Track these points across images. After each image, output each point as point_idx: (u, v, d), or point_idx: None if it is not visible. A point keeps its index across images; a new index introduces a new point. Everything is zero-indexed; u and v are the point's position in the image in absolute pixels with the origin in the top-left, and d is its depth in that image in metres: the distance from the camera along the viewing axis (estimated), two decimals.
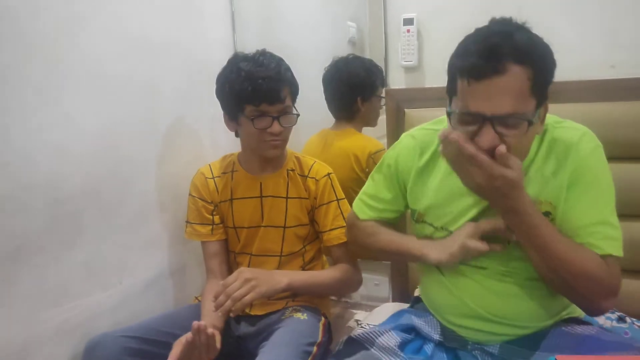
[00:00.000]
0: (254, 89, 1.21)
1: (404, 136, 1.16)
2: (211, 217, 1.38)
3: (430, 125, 1.12)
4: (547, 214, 0.96)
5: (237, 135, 1.35)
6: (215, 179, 1.39)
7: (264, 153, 1.30)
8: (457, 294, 1.05)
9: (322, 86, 1.77)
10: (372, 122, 1.79)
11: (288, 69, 1.28)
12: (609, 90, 1.27)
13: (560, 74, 0.98)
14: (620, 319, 1.12)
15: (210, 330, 1.10)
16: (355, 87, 1.69)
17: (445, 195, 1.05)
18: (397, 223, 1.21)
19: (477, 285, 1.03)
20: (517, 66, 0.83)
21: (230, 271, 1.42)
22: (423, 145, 1.09)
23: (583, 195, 0.94)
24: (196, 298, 1.43)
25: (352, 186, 1.58)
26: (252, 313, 1.34)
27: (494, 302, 1.02)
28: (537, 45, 0.86)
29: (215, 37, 1.70)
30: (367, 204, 1.19)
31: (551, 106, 1.10)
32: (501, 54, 0.82)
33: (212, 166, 1.41)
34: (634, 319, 1.13)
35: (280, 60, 1.28)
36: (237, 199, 1.38)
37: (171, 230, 1.50)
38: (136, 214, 1.38)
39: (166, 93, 1.47)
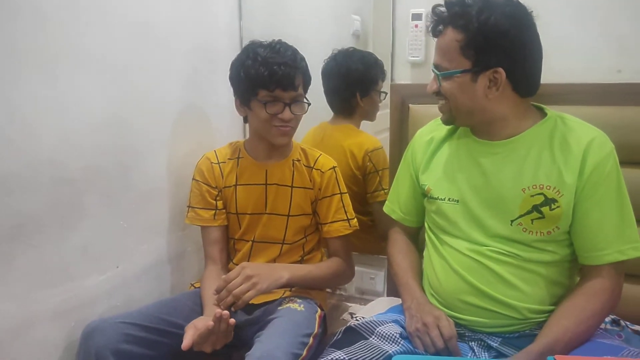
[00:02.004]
0: (269, 74, 1.23)
1: (417, 132, 1.28)
2: (214, 202, 1.38)
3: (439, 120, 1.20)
4: (552, 200, 1.01)
5: (245, 121, 1.37)
6: (220, 164, 1.39)
7: (272, 139, 1.32)
8: (458, 270, 1.08)
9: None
10: (371, 116, 1.79)
11: (303, 59, 1.32)
12: (615, 95, 1.27)
13: (568, 77, 0.99)
14: (615, 322, 1.13)
15: (232, 320, 1.12)
16: (354, 83, 1.68)
17: (450, 171, 1.14)
18: (418, 235, 1.33)
19: (477, 264, 1.06)
20: (450, 29, 1.02)
21: (229, 258, 1.43)
22: (433, 134, 1.21)
23: (609, 203, 1.00)
24: (192, 285, 1.43)
25: (347, 183, 1.58)
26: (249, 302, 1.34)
27: (493, 281, 1.05)
28: (479, 16, 0.98)
29: (221, 25, 1.68)
30: (390, 199, 1.32)
31: (558, 108, 1.11)
32: (439, 20, 1.04)
33: (218, 152, 1.42)
34: (628, 323, 1.14)
35: (296, 49, 1.31)
36: (242, 185, 1.38)
37: (171, 217, 1.49)
38: (137, 199, 1.37)
39: (171, 79, 1.46)
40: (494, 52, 0.99)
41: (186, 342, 1.08)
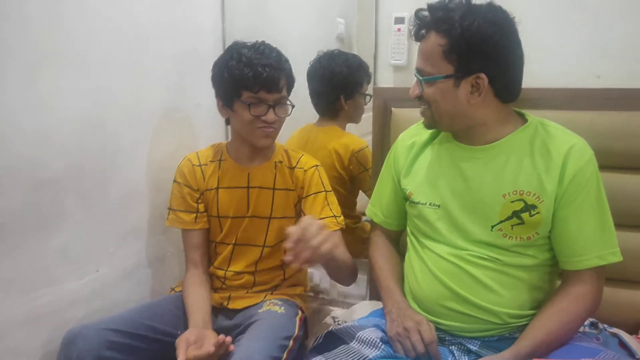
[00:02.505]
0: (254, 75, 1.22)
1: (400, 136, 1.28)
2: (196, 205, 1.36)
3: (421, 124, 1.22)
4: (532, 206, 1.02)
5: (227, 123, 1.36)
6: (202, 166, 1.37)
7: (255, 141, 1.30)
8: (438, 275, 1.08)
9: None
10: (356, 119, 1.79)
11: (287, 61, 1.30)
12: (594, 100, 1.29)
13: (548, 82, 1.00)
14: (593, 325, 1.15)
15: (232, 346, 1.12)
16: (338, 86, 1.68)
17: (432, 175, 1.14)
18: (399, 238, 1.33)
19: (458, 269, 1.07)
20: (433, 33, 1.01)
21: (210, 261, 1.41)
22: (414, 139, 1.21)
23: (589, 209, 1.01)
24: (172, 289, 1.41)
25: (333, 184, 1.58)
26: (230, 307, 1.34)
27: (472, 285, 1.05)
28: (462, 21, 0.98)
29: (204, 27, 1.67)
30: (372, 202, 1.31)
31: (537, 112, 1.12)
32: (423, 24, 1.03)
33: (200, 154, 1.40)
34: (606, 325, 1.16)
35: (280, 51, 1.30)
36: (224, 188, 1.36)
37: (152, 219, 1.48)
38: (117, 202, 1.35)
39: (152, 80, 1.45)
40: (477, 58, 0.99)
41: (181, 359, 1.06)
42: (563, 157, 1.00)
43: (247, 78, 1.22)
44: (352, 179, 1.73)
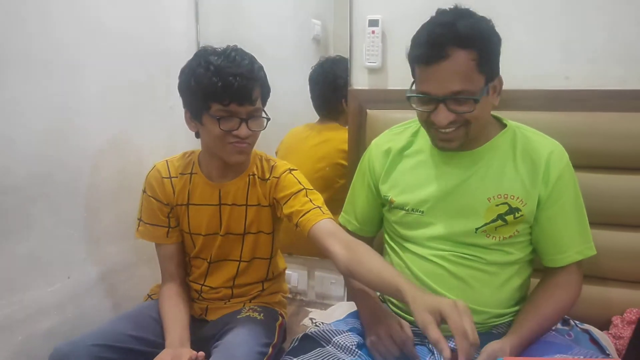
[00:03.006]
0: (223, 86, 1.09)
1: (372, 142, 1.25)
2: (167, 219, 1.28)
3: (396, 129, 1.23)
4: (516, 209, 1.05)
5: (197, 136, 1.24)
6: (172, 179, 1.27)
7: (227, 158, 1.19)
8: (420, 277, 1.09)
9: (285, 84, 1.75)
10: None
11: (261, 69, 1.18)
12: (563, 101, 1.32)
13: (518, 83, 1.02)
14: (565, 322, 1.16)
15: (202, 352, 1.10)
16: (339, 89, 1.70)
17: (414, 181, 1.13)
18: (372, 242, 1.29)
19: (440, 269, 1.07)
20: (461, 50, 0.94)
21: (186, 272, 1.35)
22: (390, 145, 1.19)
23: (569, 208, 1.06)
24: (149, 296, 1.36)
25: (336, 176, 1.62)
26: (208, 319, 1.31)
27: (455, 285, 1.06)
28: (478, 29, 0.96)
29: (177, 29, 1.66)
30: (346, 210, 1.29)
31: (507, 113, 1.14)
32: (444, 42, 0.95)
33: (170, 163, 1.29)
34: (577, 322, 1.18)
35: (253, 58, 1.18)
36: (194, 204, 1.27)
37: (124, 225, 1.45)
38: (86, 207, 1.33)
39: (122, 84, 1.43)
40: (497, 60, 1.01)
41: None
42: (545, 162, 1.04)
43: (216, 89, 1.09)
44: None
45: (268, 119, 1.20)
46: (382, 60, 1.55)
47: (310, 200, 1.20)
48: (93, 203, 1.35)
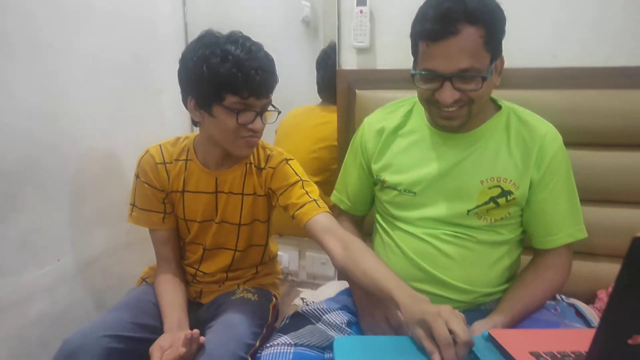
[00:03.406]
0: (245, 80, 1.05)
1: (365, 120, 1.23)
2: (163, 205, 1.26)
3: (389, 107, 1.22)
4: (509, 192, 1.05)
5: (195, 125, 1.20)
6: (166, 164, 1.23)
7: (236, 151, 1.16)
8: (410, 255, 1.09)
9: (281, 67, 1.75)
10: None
11: (273, 60, 1.15)
12: (552, 79, 1.33)
13: (508, 62, 1.02)
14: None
15: (202, 337, 1.05)
16: None
17: (408, 162, 1.12)
18: (363, 221, 1.32)
19: (430, 247, 1.08)
20: (470, 26, 0.92)
21: (181, 256, 1.35)
22: (383, 124, 1.17)
23: (561, 191, 1.06)
24: (144, 280, 1.35)
25: (333, 157, 1.64)
26: (203, 302, 1.31)
27: (445, 264, 1.07)
28: (487, 5, 0.94)
29: (164, 11, 1.64)
30: (338, 189, 1.30)
31: (497, 92, 1.14)
32: (454, 17, 0.91)
33: (164, 148, 1.25)
34: (563, 296, 1.20)
35: (262, 46, 1.13)
36: (190, 192, 1.25)
37: (114, 207, 1.44)
38: (77, 190, 1.32)
39: (108, 66, 1.41)
40: (502, 38, 0.98)
41: None
42: (539, 145, 1.04)
43: (237, 81, 1.05)
44: None
45: (279, 112, 1.17)
46: (371, 40, 1.54)
47: (307, 193, 1.19)
48: (84, 186, 1.34)
